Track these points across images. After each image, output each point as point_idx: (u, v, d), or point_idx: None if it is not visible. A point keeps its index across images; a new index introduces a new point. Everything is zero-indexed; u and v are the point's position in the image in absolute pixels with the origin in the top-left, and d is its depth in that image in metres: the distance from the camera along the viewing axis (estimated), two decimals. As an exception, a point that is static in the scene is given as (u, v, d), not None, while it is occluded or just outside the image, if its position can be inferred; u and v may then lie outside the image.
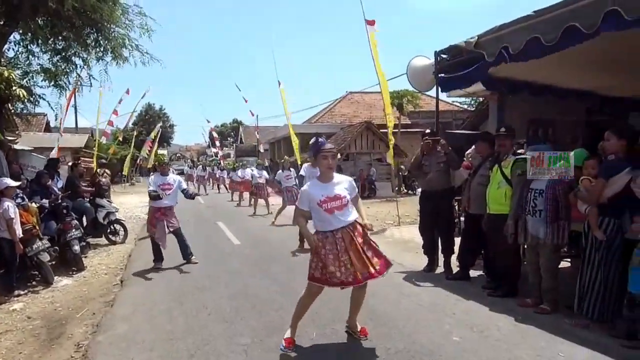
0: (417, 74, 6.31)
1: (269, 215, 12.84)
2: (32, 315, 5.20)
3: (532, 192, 4.44)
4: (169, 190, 6.99)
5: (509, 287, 4.97)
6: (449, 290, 5.24)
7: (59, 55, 9.11)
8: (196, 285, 5.82)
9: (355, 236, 3.55)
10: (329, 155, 3.58)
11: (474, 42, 5.04)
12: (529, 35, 4.27)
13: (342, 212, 3.57)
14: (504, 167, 4.87)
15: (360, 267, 3.47)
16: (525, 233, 4.53)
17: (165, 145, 66.30)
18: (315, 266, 3.56)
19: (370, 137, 20.19)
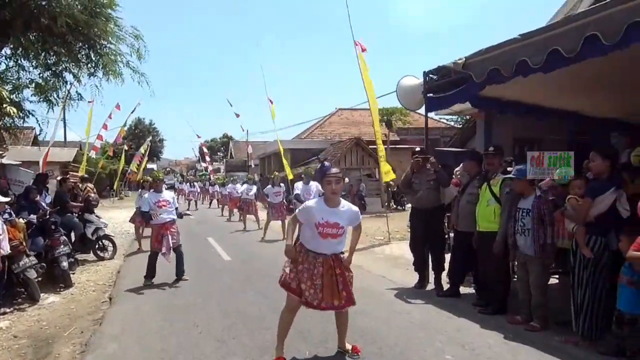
0: (407, 93, 6.45)
1: (259, 230, 12.81)
2: (18, 334, 5.10)
3: (519, 211, 4.55)
4: (166, 206, 6.96)
5: (498, 304, 5.03)
6: (439, 308, 5.27)
7: (49, 71, 9.07)
8: (187, 303, 5.77)
9: (334, 266, 3.59)
10: (332, 180, 3.56)
11: (462, 64, 5.18)
12: (517, 58, 4.41)
13: (335, 241, 3.59)
14: (492, 186, 4.97)
15: (328, 296, 3.54)
16: (515, 250, 4.61)
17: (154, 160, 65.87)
18: (293, 276, 3.59)
19: (360, 152, 20.38)
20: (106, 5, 8.56)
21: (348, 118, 28.59)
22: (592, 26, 3.70)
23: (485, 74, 4.86)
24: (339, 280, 3.58)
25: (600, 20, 3.66)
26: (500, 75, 4.59)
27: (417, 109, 7.06)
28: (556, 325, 4.45)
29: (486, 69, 4.82)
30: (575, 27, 3.87)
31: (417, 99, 6.23)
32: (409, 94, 6.38)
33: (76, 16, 7.59)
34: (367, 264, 8.04)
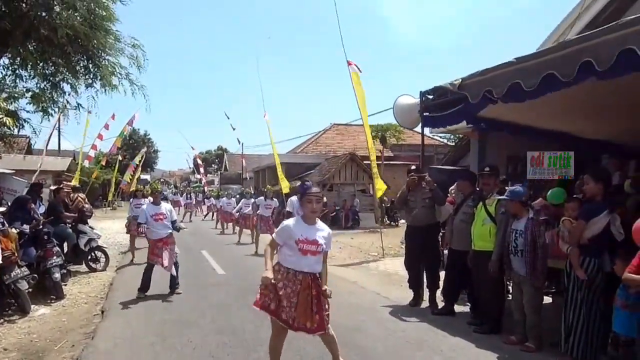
0: (403, 112, 6.54)
1: (253, 244, 12.76)
2: (8, 347, 5.02)
3: (513, 232, 4.60)
4: (163, 219, 6.91)
5: (493, 323, 5.04)
6: (435, 326, 5.27)
7: (47, 81, 9.10)
8: (180, 318, 5.71)
9: (311, 286, 3.56)
10: (313, 199, 3.58)
11: (458, 84, 5.28)
12: (511, 80, 4.50)
13: (314, 259, 3.58)
14: (488, 205, 5.03)
15: (301, 316, 3.49)
16: (510, 271, 4.66)
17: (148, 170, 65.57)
18: (272, 297, 3.53)
19: (354, 168, 20.47)
20: (106, 19, 8.65)
21: (343, 133, 28.78)
22: (587, 52, 3.80)
23: (480, 95, 4.95)
24: (314, 302, 3.53)
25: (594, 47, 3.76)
26: (496, 96, 4.67)
27: (414, 127, 7.16)
28: (550, 345, 4.46)
29: (481, 90, 4.92)
30: (571, 53, 3.97)
31: (414, 117, 6.31)
32: (405, 112, 6.48)
33: (76, 28, 7.65)
34: (362, 279, 8.04)
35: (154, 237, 6.89)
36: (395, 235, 14.38)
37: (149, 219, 6.85)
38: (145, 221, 6.86)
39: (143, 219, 6.90)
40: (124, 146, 51.57)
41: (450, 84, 5.34)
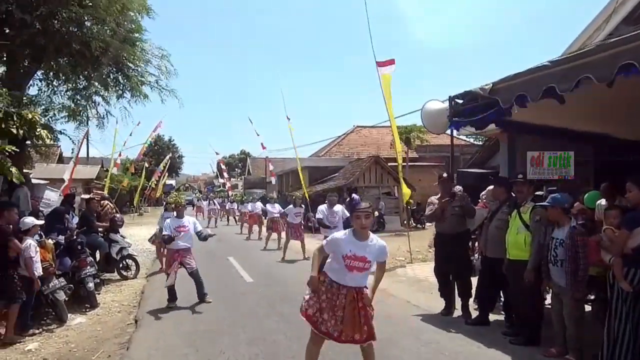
0: (432, 117, 6.43)
1: (279, 250, 12.80)
2: (48, 357, 5.16)
3: (553, 240, 4.44)
4: (184, 232, 7.02)
5: (530, 334, 4.89)
6: (469, 337, 5.15)
7: (79, 94, 9.39)
8: (211, 328, 5.75)
9: (357, 299, 3.56)
10: (362, 215, 3.54)
11: (489, 89, 5.16)
12: (545, 84, 4.37)
13: (360, 275, 3.57)
14: (522, 213, 4.88)
15: (348, 329, 3.50)
16: (549, 281, 4.51)
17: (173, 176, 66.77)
18: (312, 304, 3.57)
19: (379, 170, 20.30)
20: (134, 30, 8.88)
21: (366, 136, 28.62)
22: (628, 54, 3.64)
23: (512, 100, 4.82)
24: (361, 314, 3.53)
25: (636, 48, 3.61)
26: (530, 101, 4.54)
27: (442, 132, 7.03)
28: (592, 358, 4.29)
29: (514, 94, 4.79)
30: (609, 55, 3.82)
31: (442, 122, 6.20)
32: (433, 117, 6.37)
33: (107, 41, 7.86)
34: (391, 286, 7.93)
35: (173, 247, 7.00)
36: (423, 238, 14.18)
37: (172, 232, 6.97)
38: (170, 233, 6.97)
39: (168, 231, 7.02)
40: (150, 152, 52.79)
41: (480, 88, 5.22)
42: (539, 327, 4.91)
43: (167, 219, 7.47)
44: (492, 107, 5.32)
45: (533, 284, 4.75)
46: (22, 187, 8.53)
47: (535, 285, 4.79)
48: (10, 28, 7.36)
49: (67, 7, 7.13)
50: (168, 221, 7.22)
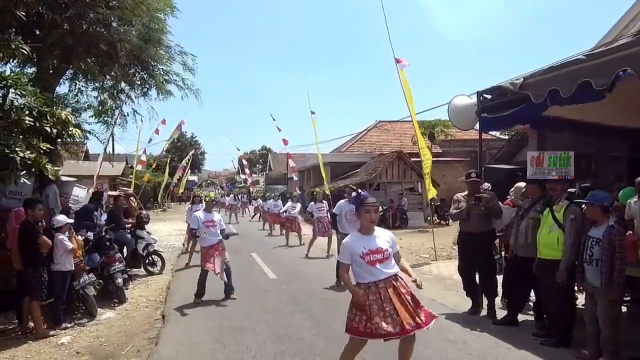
0: (459, 113, 6.30)
1: (301, 246, 12.83)
2: (80, 351, 5.30)
3: (589, 239, 4.29)
4: (213, 227, 7.11)
5: (562, 335, 4.76)
6: (497, 337, 5.05)
7: (106, 93, 9.57)
8: (237, 324, 5.81)
9: (398, 286, 3.53)
10: (371, 210, 3.59)
11: (520, 84, 5.01)
12: (579, 79, 4.22)
13: (385, 264, 3.55)
14: (556, 212, 4.73)
15: (408, 316, 3.41)
16: (583, 281, 4.36)
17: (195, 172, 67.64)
18: (358, 319, 3.49)
19: (402, 166, 20.07)
20: (159, 31, 8.97)
21: (388, 130, 28.34)
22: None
23: (544, 95, 4.67)
24: (408, 299, 3.50)
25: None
26: (563, 97, 4.39)
27: (470, 128, 6.90)
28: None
29: (546, 89, 4.64)
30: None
31: (470, 118, 6.07)
32: (461, 113, 6.24)
33: (133, 42, 7.97)
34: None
35: (206, 244, 7.08)
36: (447, 234, 14.01)
37: (201, 226, 7.05)
38: (198, 227, 7.07)
39: (195, 225, 7.13)
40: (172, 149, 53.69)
41: (510, 83, 5.08)
42: (571, 328, 4.78)
43: (196, 213, 7.57)
44: (522, 103, 5.18)
45: (565, 284, 4.61)
46: (52, 185, 8.75)
47: (567, 285, 4.66)
48: (41, 29, 7.52)
49: (94, 9, 7.24)
50: (198, 214, 7.32)
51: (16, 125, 5.52)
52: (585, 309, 4.55)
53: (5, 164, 5.38)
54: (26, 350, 5.32)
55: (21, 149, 5.43)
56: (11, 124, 5.46)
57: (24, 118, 5.53)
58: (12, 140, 5.37)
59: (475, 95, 5.89)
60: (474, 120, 6.03)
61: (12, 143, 5.32)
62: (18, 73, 6.12)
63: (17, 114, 5.49)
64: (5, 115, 5.41)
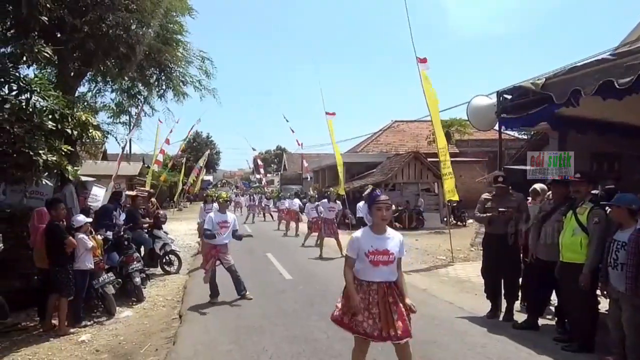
0: (478, 114, 6.20)
1: (316, 246, 12.81)
2: (100, 348, 5.37)
3: (614, 243, 4.18)
4: (225, 229, 7.11)
5: (584, 340, 4.65)
6: (517, 342, 4.96)
7: (125, 94, 9.72)
8: (253, 325, 5.82)
9: (387, 294, 3.51)
10: (383, 207, 3.55)
11: (542, 84, 4.91)
12: (602, 78, 4.11)
13: (387, 268, 3.52)
14: (579, 214, 4.62)
15: (384, 325, 3.43)
16: (607, 285, 4.25)
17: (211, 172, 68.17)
18: (345, 311, 3.56)
19: (418, 166, 19.90)
20: (176, 32, 9.07)
21: (404, 130, 28.13)
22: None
23: (567, 95, 4.57)
24: (392, 310, 3.47)
25: None
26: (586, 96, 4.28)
27: (489, 129, 6.79)
28: (656, 369, 4.03)
29: (569, 89, 4.53)
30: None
31: (489, 119, 5.97)
32: (480, 114, 6.14)
33: (151, 44, 8.06)
34: (432, 287, 7.77)
35: (212, 242, 7.08)
36: (463, 236, 13.84)
37: (215, 227, 7.05)
38: (212, 227, 7.05)
39: (210, 226, 7.09)
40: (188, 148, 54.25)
41: (532, 83, 4.98)
42: (594, 334, 4.67)
43: (210, 213, 7.58)
44: (543, 103, 5.07)
45: (588, 289, 4.51)
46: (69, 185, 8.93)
47: (590, 289, 4.55)
48: (62, 32, 7.66)
49: (114, 12, 7.35)
50: (211, 215, 7.31)
51: (39, 128, 5.64)
52: (609, 314, 4.43)
53: (28, 166, 5.51)
54: (47, 347, 5.42)
55: (44, 152, 5.55)
56: (34, 127, 5.57)
57: (47, 122, 5.65)
58: (35, 143, 5.49)
59: (495, 95, 5.78)
60: (494, 121, 5.93)
61: (35, 146, 5.44)
62: (41, 78, 6.22)
63: (39, 117, 5.61)
64: (29, 119, 5.52)
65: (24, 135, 5.33)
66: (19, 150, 5.28)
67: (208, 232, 7.06)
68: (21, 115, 5.36)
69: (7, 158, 5.52)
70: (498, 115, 5.68)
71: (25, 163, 5.37)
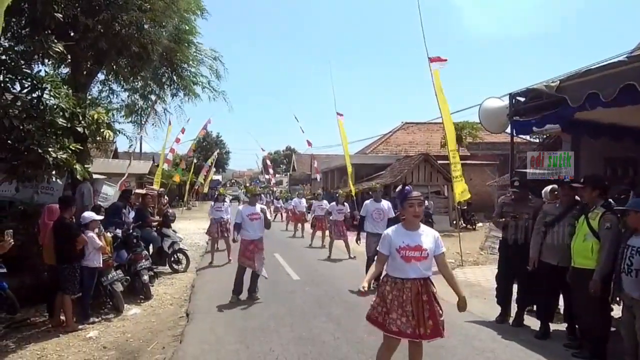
0: (490, 116, 6.12)
1: (324, 247, 12.79)
2: (107, 345, 5.40)
3: (629, 248, 4.09)
4: (258, 219, 7.08)
5: (595, 348, 4.56)
6: (526, 347, 4.89)
7: (137, 93, 9.78)
8: (260, 325, 5.80)
9: (421, 292, 3.47)
10: (415, 203, 3.54)
11: (556, 86, 4.83)
12: (622, 82, 4.03)
13: (420, 264, 3.49)
14: (591, 219, 4.54)
15: (417, 323, 3.42)
16: (620, 292, 4.16)
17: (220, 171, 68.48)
18: (380, 310, 3.55)
19: (428, 169, 19.77)
20: (188, 32, 9.11)
21: (415, 133, 27.98)
22: None
23: (583, 98, 4.49)
24: (425, 308, 3.45)
25: None
26: (604, 100, 4.20)
27: (501, 131, 6.70)
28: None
29: (584, 92, 4.45)
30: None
31: (501, 121, 5.89)
32: (492, 116, 6.06)
33: (163, 44, 8.11)
34: (441, 290, 7.61)
35: (247, 238, 7.04)
36: (473, 239, 13.71)
37: (245, 219, 7.01)
38: (242, 220, 7.02)
39: (239, 220, 7.06)
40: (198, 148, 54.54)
41: (545, 85, 4.90)
42: (605, 341, 4.58)
43: (240, 207, 7.58)
44: (557, 106, 4.99)
45: (598, 295, 4.42)
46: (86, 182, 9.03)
47: (602, 296, 4.46)
48: (75, 32, 7.73)
49: (127, 12, 7.40)
50: (240, 208, 7.32)
51: (50, 125, 5.67)
52: (622, 322, 4.34)
53: (38, 164, 5.55)
54: (56, 343, 5.45)
55: (54, 150, 5.58)
56: (45, 124, 5.61)
57: (58, 119, 5.68)
58: (45, 141, 5.52)
59: (507, 97, 5.71)
60: (506, 124, 5.85)
61: (45, 143, 5.47)
62: (53, 75, 6.28)
63: (50, 115, 5.64)
64: (39, 116, 5.56)
65: (35, 132, 5.36)
66: (29, 148, 5.31)
67: (237, 225, 7.04)
68: (32, 112, 5.40)
69: (18, 155, 5.56)
70: (510, 117, 5.60)
71: (35, 160, 5.40)
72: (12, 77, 5.56)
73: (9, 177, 6.09)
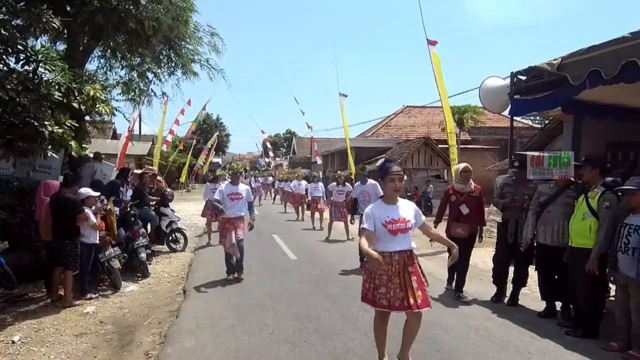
0: (491, 95, 6.05)
1: (322, 229, 12.82)
2: (104, 320, 5.43)
3: (626, 227, 4.07)
4: (239, 199, 6.99)
5: (589, 326, 4.59)
6: (520, 326, 4.92)
7: (134, 71, 9.66)
8: (256, 302, 5.84)
9: (408, 263, 3.52)
10: (396, 178, 3.57)
11: (557, 64, 4.75)
12: (625, 58, 3.95)
13: (405, 236, 3.54)
14: (590, 198, 4.51)
15: (405, 294, 3.45)
16: (615, 271, 4.16)
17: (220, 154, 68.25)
18: (368, 287, 3.59)
19: (428, 152, 19.72)
20: (186, 9, 8.95)
21: (416, 116, 27.82)
22: None
23: (584, 76, 4.41)
24: (412, 279, 3.49)
25: None
26: (606, 78, 4.13)
27: (501, 111, 6.64)
28: (661, 356, 3.96)
29: (586, 70, 4.38)
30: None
31: (502, 101, 5.82)
32: (493, 95, 5.98)
33: (160, 20, 7.97)
34: (437, 271, 7.72)
35: (225, 216, 6.99)
36: (470, 224, 13.70)
37: (225, 197, 6.95)
38: (222, 198, 6.95)
39: (220, 197, 6.99)
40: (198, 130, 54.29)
41: (547, 63, 4.82)
42: (598, 320, 4.61)
43: (223, 184, 7.50)
44: (559, 85, 4.91)
45: (595, 274, 4.42)
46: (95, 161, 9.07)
47: (598, 275, 4.46)
48: (71, 6, 7.59)
49: (124, -15, 7.26)
50: (222, 186, 7.23)
51: (45, 98, 5.60)
52: (616, 301, 4.36)
53: (33, 138, 5.49)
54: (53, 318, 5.48)
55: (50, 124, 5.52)
56: (41, 97, 5.53)
57: (53, 93, 5.61)
58: (41, 114, 5.45)
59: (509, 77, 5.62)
60: (506, 103, 5.77)
61: (40, 117, 5.41)
62: (48, 48, 6.17)
63: (46, 88, 5.56)
64: (35, 89, 5.48)
65: (30, 105, 5.29)
66: (24, 121, 5.25)
67: (216, 202, 6.97)
68: (28, 84, 5.32)
69: (14, 129, 5.50)
70: (511, 97, 5.52)
71: (30, 134, 5.35)
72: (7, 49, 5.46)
73: (5, 152, 6.03)
